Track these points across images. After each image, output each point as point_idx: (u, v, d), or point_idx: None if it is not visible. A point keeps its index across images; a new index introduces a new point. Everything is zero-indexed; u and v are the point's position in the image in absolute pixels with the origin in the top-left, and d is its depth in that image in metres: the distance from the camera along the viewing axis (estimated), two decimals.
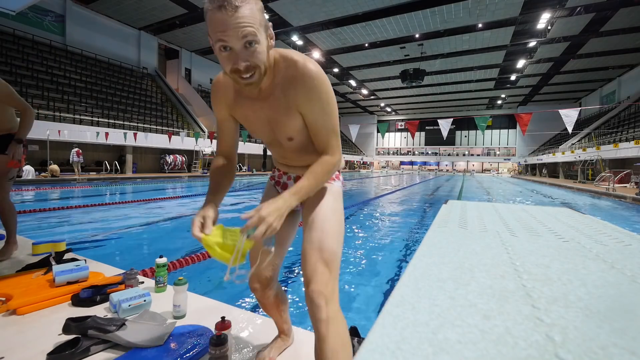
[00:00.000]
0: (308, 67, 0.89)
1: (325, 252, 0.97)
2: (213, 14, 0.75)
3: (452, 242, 0.68)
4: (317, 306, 0.90)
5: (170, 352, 1.14)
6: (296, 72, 0.90)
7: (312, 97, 0.91)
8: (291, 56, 0.91)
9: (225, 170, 1.09)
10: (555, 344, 0.29)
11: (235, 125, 1.10)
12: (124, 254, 3.51)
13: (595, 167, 18.75)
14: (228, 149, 1.12)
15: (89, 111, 16.14)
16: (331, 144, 0.98)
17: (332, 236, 1.00)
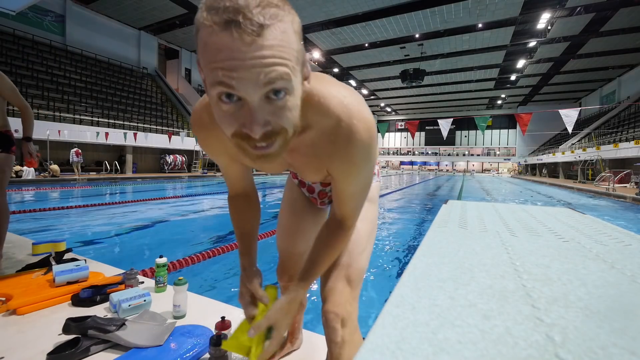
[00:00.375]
0: (356, 131, 0.61)
1: (349, 269, 0.86)
2: (213, 35, 0.42)
3: (452, 242, 0.68)
4: (332, 329, 0.82)
5: (170, 352, 1.14)
6: (337, 135, 0.62)
7: (352, 171, 0.67)
8: (329, 106, 0.60)
9: (248, 211, 0.89)
10: (555, 344, 0.29)
11: (243, 168, 0.85)
12: (124, 254, 3.51)
13: (595, 167, 18.76)
14: (243, 188, 0.89)
15: (89, 111, 16.15)
16: (356, 213, 0.77)
17: (360, 249, 0.88)
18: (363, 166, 0.67)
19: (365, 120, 0.62)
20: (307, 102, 0.59)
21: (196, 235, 4.48)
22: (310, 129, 0.63)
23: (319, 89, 0.60)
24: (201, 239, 4.28)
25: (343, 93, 0.62)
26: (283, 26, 0.44)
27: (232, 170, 0.84)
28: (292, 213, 1.11)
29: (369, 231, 0.93)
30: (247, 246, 0.87)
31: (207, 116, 0.69)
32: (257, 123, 0.47)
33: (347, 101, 0.61)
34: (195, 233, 4.62)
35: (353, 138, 0.61)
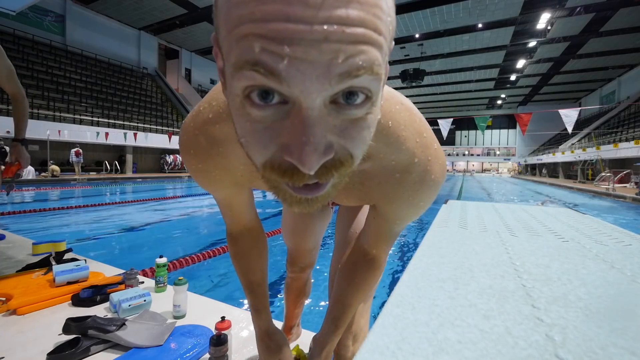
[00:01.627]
0: (432, 172, 0.49)
1: None
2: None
3: (452, 242, 0.68)
4: (344, 346, 0.79)
5: (170, 352, 1.14)
6: (407, 173, 0.49)
7: (411, 214, 0.57)
8: (403, 137, 0.45)
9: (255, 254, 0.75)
10: (555, 344, 0.29)
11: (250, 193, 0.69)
12: (124, 254, 3.51)
13: (595, 167, 18.76)
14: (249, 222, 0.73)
15: (89, 111, 16.15)
16: (388, 248, 0.67)
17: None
18: (423, 209, 0.55)
19: (442, 158, 0.50)
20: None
21: (196, 235, 4.48)
22: (369, 160, 0.46)
23: (385, 109, 0.43)
24: (201, 239, 4.28)
25: (414, 116, 0.47)
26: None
27: (237, 203, 0.66)
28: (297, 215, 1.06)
29: None
30: (261, 299, 0.72)
31: (205, 139, 0.50)
32: (313, 148, 0.26)
33: (421, 128, 0.47)
34: (195, 233, 4.62)
35: (427, 180, 0.49)
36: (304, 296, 1.23)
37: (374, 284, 0.69)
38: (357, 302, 0.67)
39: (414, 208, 0.54)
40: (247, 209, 0.70)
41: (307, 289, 1.23)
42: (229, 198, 0.65)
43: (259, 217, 0.78)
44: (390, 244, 0.67)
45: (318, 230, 1.07)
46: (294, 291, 1.20)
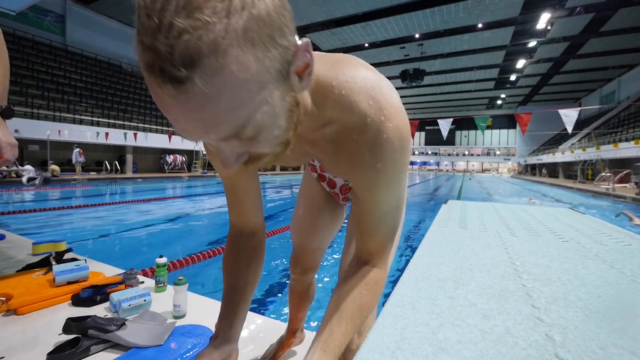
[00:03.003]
0: (386, 132, 0.50)
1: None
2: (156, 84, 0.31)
3: (452, 242, 0.68)
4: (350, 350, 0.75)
5: (170, 352, 1.14)
6: (360, 135, 0.51)
7: (377, 181, 0.54)
8: (352, 100, 0.49)
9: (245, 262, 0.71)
10: (555, 344, 0.29)
11: (254, 177, 0.69)
12: (124, 254, 3.51)
13: (595, 167, 18.76)
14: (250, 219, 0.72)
15: (89, 111, 16.15)
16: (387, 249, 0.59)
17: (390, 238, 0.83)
18: (391, 177, 0.53)
19: (398, 120, 0.51)
20: (325, 95, 0.49)
21: (196, 235, 4.48)
22: (331, 124, 0.52)
23: (341, 80, 0.49)
24: (201, 238, 4.28)
25: (371, 82, 0.50)
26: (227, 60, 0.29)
27: (240, 188, 0.68)
28: (309, 208, 1.04)
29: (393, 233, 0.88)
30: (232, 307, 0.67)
31: None
32: (226, 162, 0.40)
33: (376, 91, 0.50)
34: (195, 233, 4.62)
35: (381, 139, 0.50)
36: (308, 301, 1.23)
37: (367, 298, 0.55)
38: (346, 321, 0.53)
39: (374, 172, 0.53)
40: (249, 198, 0.70)
41: (310, 294, 1.22)
42: (233, 179, 0.67)
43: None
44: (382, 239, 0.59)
45: (326, 229, 1.04)
46: (297, 295, 1.20)
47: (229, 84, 0.31)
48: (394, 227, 0.59)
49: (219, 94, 0.31)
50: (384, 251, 0.59)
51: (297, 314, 1.23)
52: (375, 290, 0.56)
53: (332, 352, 0.49)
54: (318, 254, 1.11)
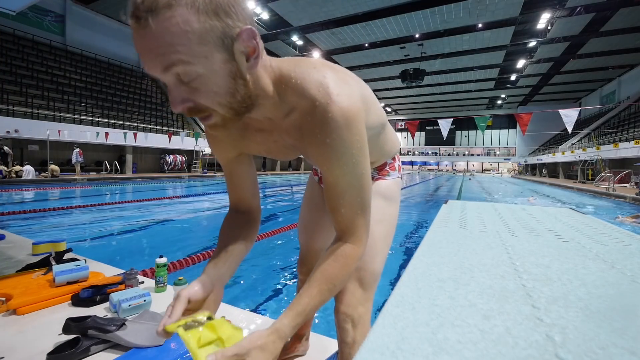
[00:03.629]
0: (329, 113, 0.57)
1: (361, 272, 0.82)
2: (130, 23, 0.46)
3: (452, 242, 0.68)
4: (343, 329, 0.82)
5: (170, 352, 1.14)
6: (310, 116, 0.59)
7: (330, 156, 0.60)
8: (298, 85, 0.59)
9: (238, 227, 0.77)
10: (555, 344, 0.29)
11: (249, 162, 0.79)
12: (124, 254, 3.51)
13: (595, 167, 18.76)
14: (245, 199, 0.80)
15: (89, 111, 16.15)
16: (357, 223, 0.64)
17: (373, 252, 0.83)
18: (341, 152, 0.60)
19: (343, 104, 0.57)
20: (285, 84, 0.60)
21: (196, 235, 4.48)
22: (294, 111, 0.62)
23: (298, 72, 0.60)
24: (201, 239, 4.28)
25: (324, 73, 0.60)
26: (180, 12, 0.45)
27: (236, 174, 0.78)
28: (310, 209, 1.13)
29: (385, 233, 0.87)
30: (218, 258, 0.70)
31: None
32: (173, 102, 0.52)
33: (326, 81, 0.59)
34: (195, 233, 4.62)
35: (327, 119, 0.57)
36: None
37: (336, 274, 0.62)
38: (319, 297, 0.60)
39: (325, 147, 0.60)
40: (243, 182, 0.79)
41: None
42: (230, 165, 0.77)
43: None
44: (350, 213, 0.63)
45: (328, 230, 1.08)
46: None
47: (173, 28, 0.45)
48: (358, 205, 0.64)
49: (164, 33, 0.45)
50: (353, 227, 0.64)
51: None
52: (344, 263, 0.62)
53: (296, 310, 0.58)
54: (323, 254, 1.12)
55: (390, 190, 0.93)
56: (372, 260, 0.84)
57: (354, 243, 0.64)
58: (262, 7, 16.33)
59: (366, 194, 0.65)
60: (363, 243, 0.66)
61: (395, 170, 0.97)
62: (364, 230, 0.65)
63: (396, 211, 0.94)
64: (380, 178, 0.95)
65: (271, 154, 0.74)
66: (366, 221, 0.66)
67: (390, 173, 0.96)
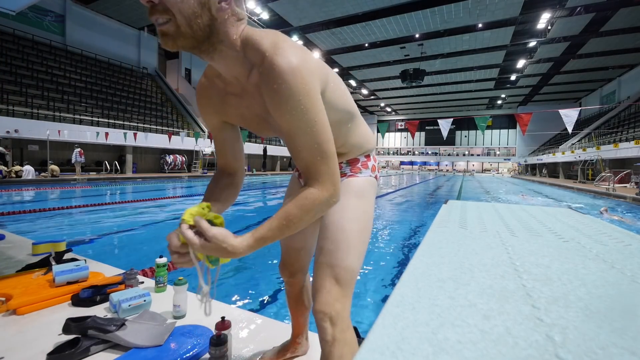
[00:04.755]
0: (275, 62, 0.65)
1: (336, 269, 0.84)
2: None
3: (452, 242, 0.68)
4: (321, 327, 0.83)
5: (170, 352, 1.14)
6: (261, 67, 0.67)
7: (281, 103, 0.66)
8: (256, 41, 0.69)
9: (224, 183, 0.91)
10: (555, 344, 0.29)
11: (233, 133, 0.91)
12: (124, 254, 3.51)
13: (595, 167, 18.76)
14: (229, 163, 0.94)
15: (89, 111, 16.15)
16: (318, 169, 0.69)
17: (347, 249, 0.85)
18: (287, 96, 0.65)
19: (289, 55, 0.66)
20: (248, 43, 0.69)
21: None
22: (253, 69, 0.70)
23: (261, 34, 0.70)
24: None
25: (283, 38, 0.70)
26: None
27: (221, 137, 0.90)
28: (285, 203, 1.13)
29: (358, 230, 0.89)
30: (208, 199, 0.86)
31: (203, 77, 0.85)
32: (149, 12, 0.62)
33: (279, 40, 0.68)
34: None
35: (275, 67, 0.65)
36: (304, 306, 1.21)
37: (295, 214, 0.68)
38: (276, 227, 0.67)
39: (273, 93, 0.66)
40: (228, 148, 0.92)
41: (306, 299, 1.21)
42: (215, 130, 0.90)
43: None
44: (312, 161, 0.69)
45: (307, 228, 1.06)
46: (292, 299, 1.21)
47: None
48: (316, 150, 0.69)
49: None
50: (315, 171, 0.70)
51: (297, 319, 1.23)
52: (302, 204, 0.68)
53: (256, 236, 0.66)
54: (302, 253, 1.12)
55: (362, 188, 0.94)
56: (345, 257, 0.85)
57: (315, 187, 0.69)
58: (262, 7, 16.32)
59: (323, 141, 0.69)
60: (327, 189, 0.70)
61: (368, 169, 0.98)
62: (326, 177, 0.70)
63: (370, 208, 0.95)
64: (352, 175, 0.96)
65: (246, 122, 0.84)
66: (329, 169, 0.70)
67: (362, 171, 0.97)
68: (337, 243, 0.85)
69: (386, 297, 0.38)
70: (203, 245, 0.65)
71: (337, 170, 0.72)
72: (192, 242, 0.65)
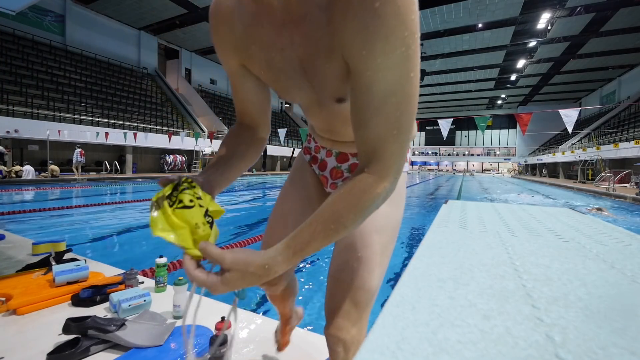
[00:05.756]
0: None
1: (357, 290, 0.72)
2: None
3: (452, 242, 0.68)
4: (334, 352, 0.74)
5: (170, 352, 1.14)
6: None
7: (378, 37, 0.44)
8: None
9: (241, 142, 0.69)
10: (555, 344, 0.29)
11: (256, 82, 0.67)
12: (124, 254, 3.51)
13: (595, 167, 18.76)
14: (249, 113, 0.71)
15: (89, 111, 16.15)
16: (389, 148, 0.49)
17: (372, 268, 0.72)
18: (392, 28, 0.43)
19: None
20: None
21: None
22: None
23: None
24: None
25: None
26: None
27: (240, 84, 0.67)
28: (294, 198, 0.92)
29: (385, 243, 0.75)
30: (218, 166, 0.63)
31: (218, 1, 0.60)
32: None
33: None
34: None
35: None
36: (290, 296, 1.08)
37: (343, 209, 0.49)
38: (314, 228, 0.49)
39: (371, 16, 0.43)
40: (248, 98, 0.69)
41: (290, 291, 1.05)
42: (233, 75, 0.66)
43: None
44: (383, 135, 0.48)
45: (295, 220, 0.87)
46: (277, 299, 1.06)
47: None
48: (395, 120, 0.48)
49: None
50: (382, 151, 0.49)
51: (283, 308, 1.12)
52: (359, 200, 0.49)
53: (294, 246, 0.48)
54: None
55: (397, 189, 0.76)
56: (368, 277, 0.72)
57: (374, 174, 0.50)
58: None
59: (408, 110, 0.48)
60: (389, 177, 0.50)
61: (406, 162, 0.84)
62: (394, 160, 0.50)
63: (400, 215, 0.81)
64: None
65: (271, 73, 0.61)
66: (402, 150, 0.50)
67: None
68: (361, 261, 0.72)
69: (386, 297, 0.39)
70: (224, 281, 0.47)
71: (406, 154, 0.54)
72: (208, 285, 0.47)
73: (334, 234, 0.49)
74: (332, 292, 0.73)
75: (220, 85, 28.51)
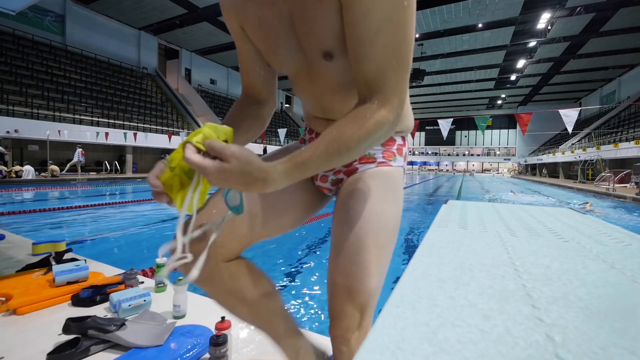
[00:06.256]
0: None
1: (357, 293, 0.68)
2: None
3: (452, 242, 0.68)
4: (340, 351, 0.75)
5: (170, 352, 1.14)
6: None
7: None
8: None
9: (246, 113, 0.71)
10: (555, 344, 0.29)
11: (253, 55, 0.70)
12: (124, 254, 3.51)
13: (595, 167, 18.76)
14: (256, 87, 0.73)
15: (89, 111, 16.15)
16: (389, 78, 0.51)
17: (371, 268, 0.69)
18: None
19: None
20: None
21: None
22: None
23: None
24: None
25: None
26: None
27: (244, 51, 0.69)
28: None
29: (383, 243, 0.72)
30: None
31: None
32: None
33: None
34: None
35: None
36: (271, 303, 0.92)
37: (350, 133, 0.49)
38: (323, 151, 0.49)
39: None
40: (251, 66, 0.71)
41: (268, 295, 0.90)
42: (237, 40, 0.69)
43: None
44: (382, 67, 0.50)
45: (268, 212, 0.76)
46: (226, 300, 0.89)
47: None
48: (393, 52, 0.50)
49: None
50: (382, 82, 0.50)
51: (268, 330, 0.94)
52: (362, 124, 0.50)
53: (295, 159, 0.49)
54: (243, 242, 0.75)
55: (394, 184, 0.76)
56: (368, 279, 0.69)
57: (376, 104, 0.51)
58: None
59: (406, 40, 0.50)
60: (392, 107, 0.52)
61: (402, 156, 0.80)
62: (396, 90, 0.51)
63: (400, 211, 0.77)
64: (384, 163, 0.77)
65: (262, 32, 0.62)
66: (403, 80, 0.52)
67: (397, 158, 0.79)
68: (359, 264, 0.68)
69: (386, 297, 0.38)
70: (220, 168, 0.44)
71: (407, 85, 0.54)
72: (202, 166, 0.44)
73: (336, 155, 0.50)
74: (333, 295, 0.72)
75: (220, 85, 28.50)
